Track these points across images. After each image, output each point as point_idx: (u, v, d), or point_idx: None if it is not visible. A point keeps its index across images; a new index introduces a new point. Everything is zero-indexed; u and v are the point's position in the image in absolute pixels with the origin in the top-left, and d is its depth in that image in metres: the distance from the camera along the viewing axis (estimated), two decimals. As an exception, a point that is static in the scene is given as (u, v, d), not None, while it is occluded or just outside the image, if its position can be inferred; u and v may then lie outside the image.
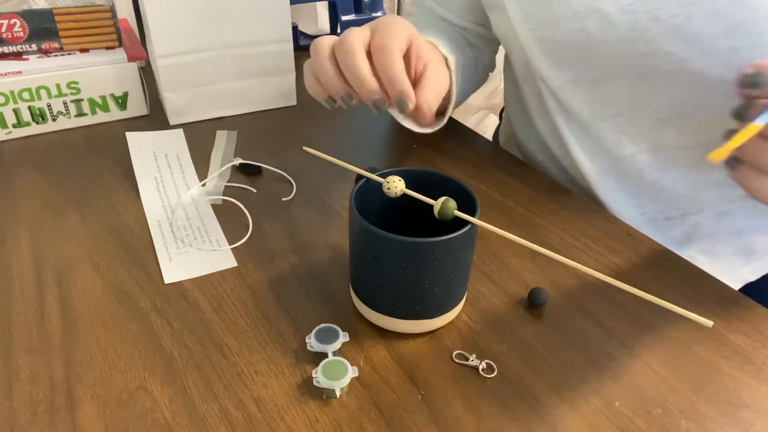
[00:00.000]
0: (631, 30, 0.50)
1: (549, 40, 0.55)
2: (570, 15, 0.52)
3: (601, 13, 0.50)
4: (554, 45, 0.55)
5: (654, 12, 0.49)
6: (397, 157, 0.67)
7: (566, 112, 0.60)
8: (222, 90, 0.72)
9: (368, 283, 0.42)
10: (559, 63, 0.56)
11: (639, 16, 0.49)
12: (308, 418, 0.38)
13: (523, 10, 0.55)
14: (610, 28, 0.51)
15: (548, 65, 0.57)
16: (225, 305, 0.46)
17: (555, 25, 0.53)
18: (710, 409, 0.39)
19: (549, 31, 0.54)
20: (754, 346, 0.44)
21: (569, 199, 0.60)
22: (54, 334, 0.43)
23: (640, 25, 0.49)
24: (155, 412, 0.38)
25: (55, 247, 0.51)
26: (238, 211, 0.56)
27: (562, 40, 0.54)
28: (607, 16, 0.50)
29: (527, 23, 0.55)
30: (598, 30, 0.51)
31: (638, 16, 0.49)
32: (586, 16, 0.51)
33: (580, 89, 0.57)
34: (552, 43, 0.55)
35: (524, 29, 0.56)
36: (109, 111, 0.71)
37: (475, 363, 0.42)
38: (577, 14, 0.51)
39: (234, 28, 0.68)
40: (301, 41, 0.96)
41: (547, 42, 0.55)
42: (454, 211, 0.40)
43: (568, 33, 0.53)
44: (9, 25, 0.65)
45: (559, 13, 0.52)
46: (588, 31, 0.51)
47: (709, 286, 0.49)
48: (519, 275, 0.50)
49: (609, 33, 0.51)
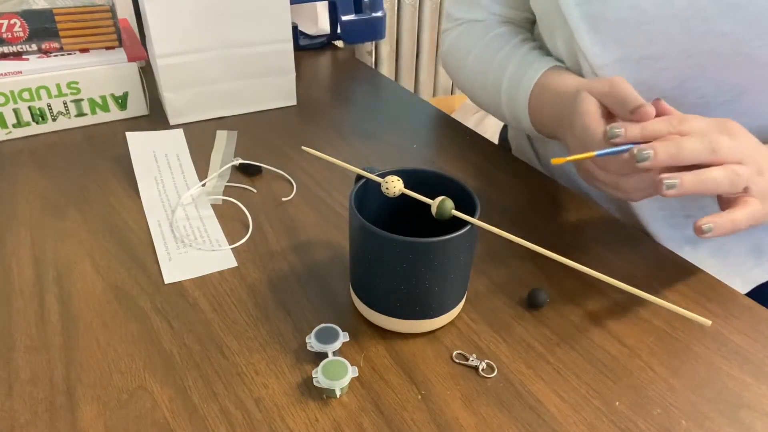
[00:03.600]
0: (687, 7, 0.48)
1: (597, 17, 0.53)
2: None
3: None
4: (603, 22, 0.53)
5: None
6: (397, 157, 0.67)
7: None
8: (222, 90, 0.72)
9: (368, 283, 0.42)
10: (605, 40, 0.54)
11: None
12: (308, 418, 0.38)
13: None
14: (665, 5, 0.49)
15: (593, 42, 0.54)
16: (225, 305, 0.46)
17: (606, 1, 0.51)
18: (710, 409, 0.39)
19: (598, 7, 0.52)
20: (754, 346, 0.44)
21: (569, 199, 0.60)
22: (54, 334, 0.43)
23: (698, 3, 0.48)
24: (155, 412, 0.38)
25: (55, 247, 0.51)
26: (238, 211, 0.56)
27: (611, 17, 0.52)
28: None
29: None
30: (652, 6, 0.49)
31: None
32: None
33: (625, 68, 0.55)
34: (601, 19, 0.53)
35: (571, 4, 0.54)
36: (109, 111, 0.71)
37: (475, 363, 0.42)
38: None
39: (234, 28, 0.68)
40: (301, 41, 0.96)
41: (595, 18, 0.53)
42: (452, 210, 0.40)
43: (619, 9, 0.51)
44: (9, 25, 0.65)
45: None
46: (641, 7, 0.50)
47: (709, 286, 0.49)
48: (519, 275, 0.50)
49: (664, 10, 0.49)
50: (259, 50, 0.71)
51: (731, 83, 0.52)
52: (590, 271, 0.36)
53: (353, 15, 0.93)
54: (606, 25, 0.53)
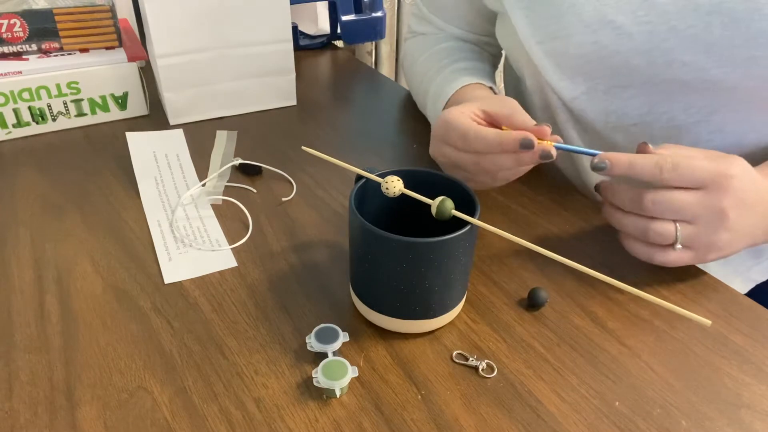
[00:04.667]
0: (647, 41, 0.50)
1: (560, 53, 0.54)
2: (582, 28, 0.51)
3: (614, 25, 0.50)
4: (566, 58, 0.54)
5: (671, 22, 0.48)
6: (397, 157, 0.67)
7: (579, 123, 0.60)
8: (222, 90, 0.72)
9: (368, 283, 0.42)
10: (572, 75, 0.55)
11: (655, 27, 0.49)
12: (308, 418, 0.38)
13: (532, 24, 0.55)
14: (624, 40, 0.50)
15: (560, 78, 0.56)
16: (225, 305, 0.46)
17: (566, 39, 0.52)
18: (710, 409, 0.39)
19: (560, 45, 0.53)
20: (754, 346, 0.44)
21: (569, 199, 0.60)
22: (54, 334, 0.43)
23: (657, 36, 0.49)
24: (155, 412, 0.38)
25: (55, 247, 0.51)
26: (238, 211, 0.56)
27: (574, 53, 0.53)
28: (621, 27, 0.50)
29: (536, 37, 0.55)
30: (611, 42, 0.51)
31: (655, 27, 0.49)
32: (599, 29, 0.50)
33: (594, 99, 0.56)
34: (564, 56, 0.54)
35: (533, 43, 0.55)
36: (109, 111, 0.71)
37: (475, 363, 0.42)
38: (588, 27, 0.51)
39: (234, 28, 0.68)
40: (301, 41, 0.96)
41: (558, 55, 0.54)
42: (452, 210, 0.40)
43: (580, 46, 0.52)
44: (9, 25, 0.65)
45: (570, 26, 0.52)
46: (601, 43, 0.51)
47: (709, 286, 0.49)
48: (519, 275, 0.50)
49: (624, 45, 0.50)
50: (259, 50, 0.71)
51: (699, 106, 0.53)
52: (590, 271, 0.36)
53: (353, 15, 0.93)
54: (570, 61, 0.54)
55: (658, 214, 0.44)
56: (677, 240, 0.44)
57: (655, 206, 0.44)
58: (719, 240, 0.44)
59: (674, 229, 0.44)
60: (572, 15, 0.51)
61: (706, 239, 0.44)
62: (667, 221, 0.44)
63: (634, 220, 0.46)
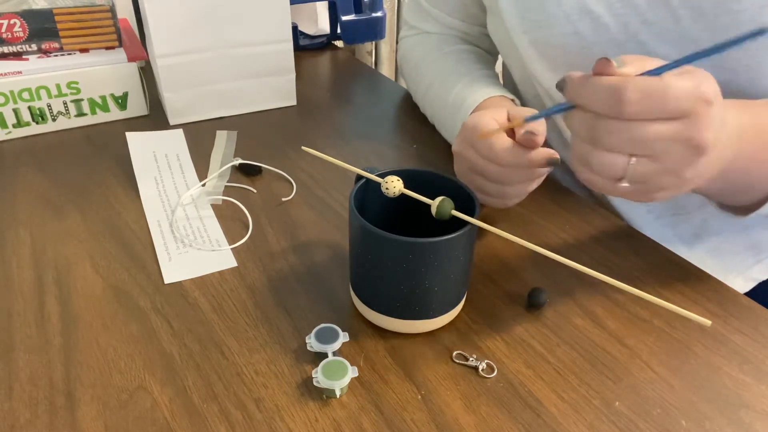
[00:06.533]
0: (622, 32, 0.50)
1: (543, 43, 0.55)
2: (563, 17, 0.52)
3: (592, 15, 0.51)
4: (548, 48, 0.55)
5: (644, 15, 0.49)
6: (397, 157, 0.67)
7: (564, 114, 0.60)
8: (222, 90, 0.72)
9: (368, 283, 0.42)
10: (554, 65, 0.56)
11: (629, 18, 0.50)
12: (308, 418, 0.38)
13: (519, 13, 0.56)
14: (602, 31, 0.51)
15: (543, 68, 0.57)
16: (225, 305, 0.46)
17: (549, 28, 0.53)
18: (710, 409, 0.39)
19: (543, 34, 0.54)
20: (754, 346, 0.44)
21: (569, 199, 0.60)
22: (54, 334, 0.43)
23: (631, 28, 0.50)
24: (155, 412, 0.38)
25: (55, 247, 0.51)
26: (238, 211, 0.56)
27: (555, 43, 0.54)
28: (599, 18, 0.51)
29: (523, 26, 0.56)
30: (590, 32, 0.52)
31: (629, 18, 0.50)
32: (579, 19, 0.51)
33: None
34: (546, 45, 0.55)
35: (519, 32, 0.56)
36: (109, 111, 0.71)
37: (475, 363, 0.42)
38: (569, 17, 0.52)
39: (234, 28, 0.68)
40: (301, 41, 0.96)
41: (541, 45, 0.55)
42: (451, 210, 0.40)
43: (561, 36, 0.53)
44: (9, 25, 0.65)
45: (553, 16, 0.53)
46: (581, 33, 0.52)
47: (709, 286, 0.49)
48: (519, 275, 0.50)
49: (602, 36, 0.51)
50: (259, 50, 0.71)
51: None
52: (590, 271, 0.36)
53: (353, 15, 0.93)
54: (552, 51, 0.55)
55: (615, 148, 0.36)
56: (625, 176, 0.37)
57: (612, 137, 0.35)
58: (679, 180, 0.37)
59: (625, 163, 0.36)
60: (555, 4, 0.52)
61: (666, 179, 0.37)
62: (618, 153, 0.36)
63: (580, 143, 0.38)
